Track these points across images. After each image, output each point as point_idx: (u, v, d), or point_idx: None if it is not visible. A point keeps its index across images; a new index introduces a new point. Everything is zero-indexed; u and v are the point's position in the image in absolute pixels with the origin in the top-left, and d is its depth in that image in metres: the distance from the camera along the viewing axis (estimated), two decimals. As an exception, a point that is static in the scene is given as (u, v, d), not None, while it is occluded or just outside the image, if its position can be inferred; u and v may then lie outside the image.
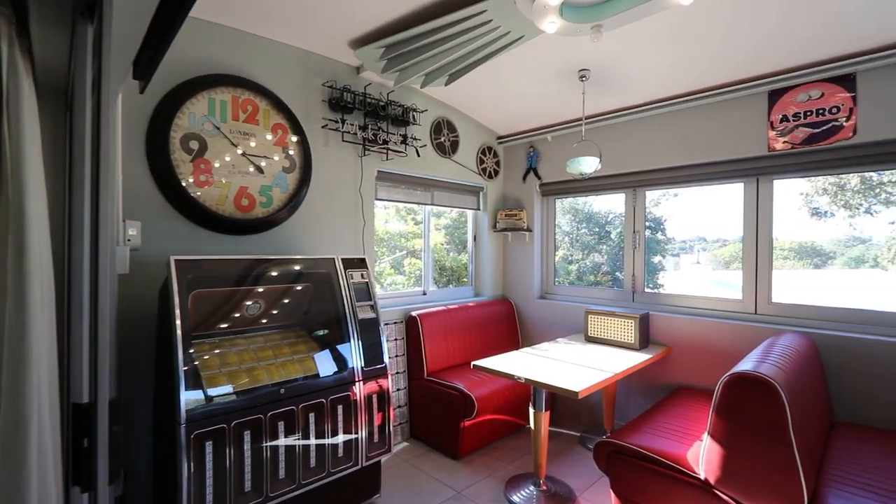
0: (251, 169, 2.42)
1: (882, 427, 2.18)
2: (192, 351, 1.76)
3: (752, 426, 1.63)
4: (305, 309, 2.29)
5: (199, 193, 2.22)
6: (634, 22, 2.18)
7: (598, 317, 3.06)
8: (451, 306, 3.48)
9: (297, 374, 1.98)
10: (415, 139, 3.21)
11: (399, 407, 3.17)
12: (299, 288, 2.27)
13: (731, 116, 2.75)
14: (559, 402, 3.49)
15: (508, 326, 3.83)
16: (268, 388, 1.87)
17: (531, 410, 2.39)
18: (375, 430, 2.25)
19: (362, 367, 2.21)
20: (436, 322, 3.26)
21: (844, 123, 2.35)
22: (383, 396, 2.30)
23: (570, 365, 2.52)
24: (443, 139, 3.56)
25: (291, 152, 2.59)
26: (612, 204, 5.54)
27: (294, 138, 2.60)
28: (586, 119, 3.27)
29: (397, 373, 3.17)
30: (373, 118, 2.98)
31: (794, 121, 2.51)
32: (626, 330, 2.90)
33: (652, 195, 3.35)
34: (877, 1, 1.92)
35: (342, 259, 2.39)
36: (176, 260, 1.80)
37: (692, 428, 2.17)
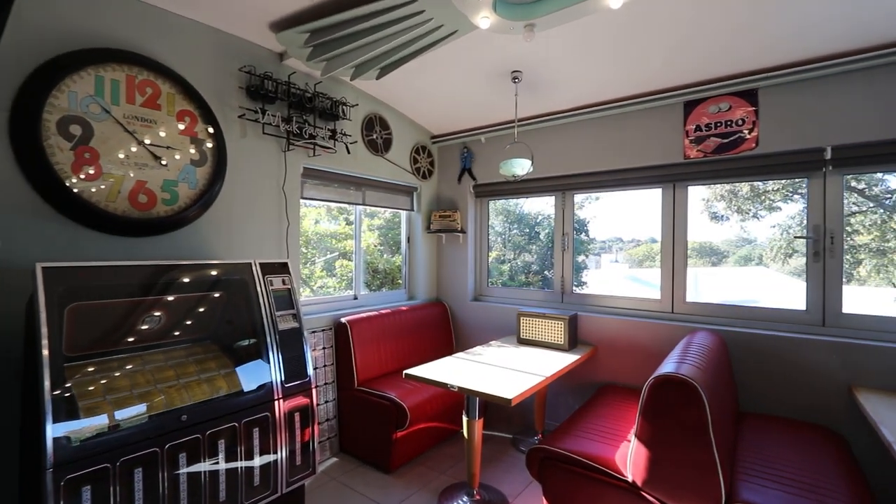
0: (151, 161, 2.11)
1: (781, 416, 2.37)
2: (67, 376, 1.47)
3: (676, 427, 1.67)
4: (217, 321, 2.03)
5: (82, 187, 1.88)
6: (564, 26, 2.20)
7: (529, 318, 3.07)
8: (383, 311, 3.33)
9: (203, 396, 1.74)
10: (345, 135, 3.01)
11: (328, 420, 2.96)
12: (210, 297, 2.01)
13: (651, 125, 2.87)
14: (492, 405, 3.48)
15: (443, 330, 3.75)
16: (166, 415, 1.61)
17: (464, 419, 2.32)
18: (298, 450, 2.05)
19: (282, 383, 2.00)
20: (367, 328, 3.09)
21: (748, 135, 2.53)
22: (307, 413, 2.11)
23: (503, 370, 2.49)
24: (375, 136, 3.39)
25: (202, 143, 2.30)
26: (541, 206, 5.67)
27: (205, 128, 2.31)
28: (519, 121, 3.28)
29: (326, 384, 2.97)
30: (298, 110, 2.74)
31: (706, 131, 2.67)
32: (556, 331, 2.94)
33: (577, 198, 3.44)
34: (776, 21, 2.07)
35: (261, 264, 2.16)
36: (44, 268, 1.49)
37: (620, 428, 2.21)
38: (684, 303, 2.84)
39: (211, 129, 2.33)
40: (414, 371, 2.44)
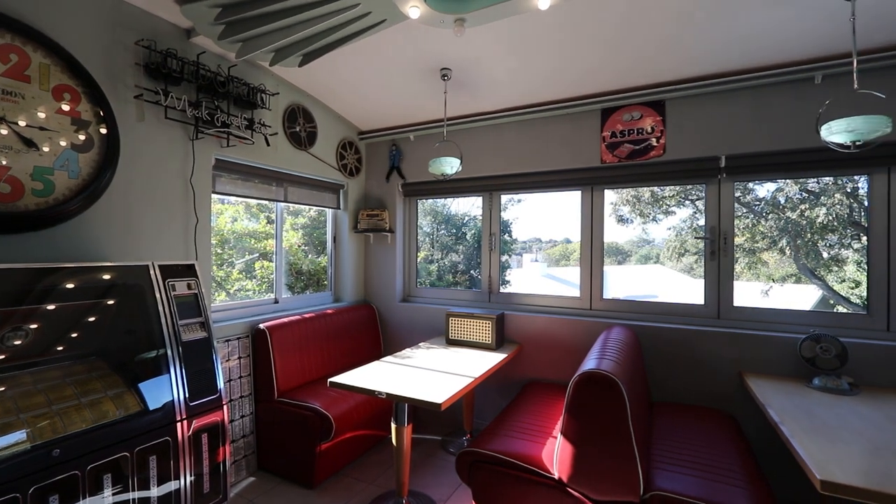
0: (17, 143, 1.73)
1: (686, 403, 2.57)
2: None
3: (599, 422, 1.72)
4: (105, 334, 1.72)
5: (-87, 172, 1.49)
6: (494, 28, 2.19)
7: (458, 319, 3.04)
8: (306, 315, 3.10)
9: (85, 424, 1.45)
10: (264, 125, 2.75)
11: (244, 437, 2.68)
12: (97, 306, 1.70)
13: (573, 130, 2.98)
14: (421, 408, 3.40)
15: (371, 333, 3.60)
16: (32, 451, 1.32)
17: (393, 426, 2.21)
18: (206, 474, 1.81)
19: (186, 401, 1.75)
20: (289, 334, 2.85)
21: (656, 143, 2.72)
22: (218, 432, 1.87)
23: (433, 372, 2.42)
24: (298, 129, 3.15)
25: (87, 126, 1.95)
26: (467, 206, 5.71)
27: (92, 108, 1.96)
28: (448, 120, 3.24)
29: (242, 396, 2.69)
30: (209, 94, 2.45)
31: (620, 137, 2.82)
32: (484, 330, 2.94)
33: (501, 199, 3.48)
34: (681, 41, 2.23)
35: (160, 266, 1.88)
36: None
37: (546, 425, 2.25)
38: (601, 300, 2.98)
39: (98, 109, 1.98)
40: (339, 379, 2.28)
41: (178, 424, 1.71)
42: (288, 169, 3.11)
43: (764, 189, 4.20)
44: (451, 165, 2.76)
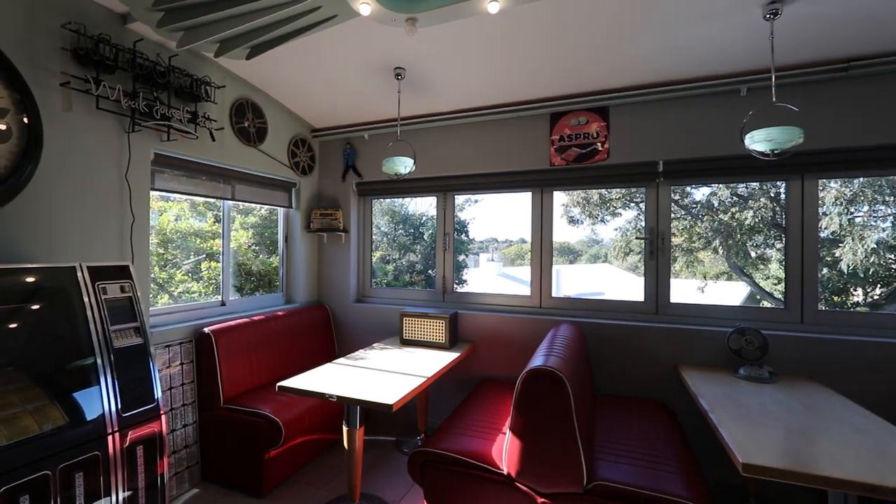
0: (-85, 132, 1.55)
1: (628, 395, 2.70)
2: None
3: (545, 417, 1.77)
4: (24, 342, 1.57)
5: None
6: (447, 29, 2.20)
7: (412, 319, 3.03)
8: (256, 317, 2.99)
9: (-2, 441, 1.32)
10: (209, 119, 2.62)
11: (186, 447, 2.54)
12: (16, 312, 1.55)
13: (524, 132, 3.05)
14: (374, 410, 3.36)
15: (324, 335, 3.52)
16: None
17: (344, 429, 2.17)
18: (142, 489, 1.70)
19: (119, 412, 1.64)
20: (236, 337, 2.73)
21: (601, 147, 2.83)
22: (155, 443, 1.76)
23: (386, 373, 2.40)
24: (247, 124, 3.02)
25: (4, 114, 1.77)
26: (425, 207, 5.71)
27: (9, 94, 1.78)
28: (402, 120, 3.22)
29: (184, 405, 2.54)
30: (147, 85, 2.30)
31: (568, 141, 2.91)
32: (438, 330, 2.95)
33: (458, 200, 3.51)
34: (621, 49, 2.33)
35: (90, 268, 1.74)
36: None
37: (497, 422, 2.29)
38: (550, 298, 3.07)
39: (17, 96, 1.80)
40: (288, 382, 2.21)
41: (110, 437, 1.60)
42: (236, 166, 2.98)
43: (700, 193, 4.50)
44: (404, 165, 2.75)
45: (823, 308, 2.53)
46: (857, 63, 2.22)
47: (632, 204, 5.24)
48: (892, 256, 3.67)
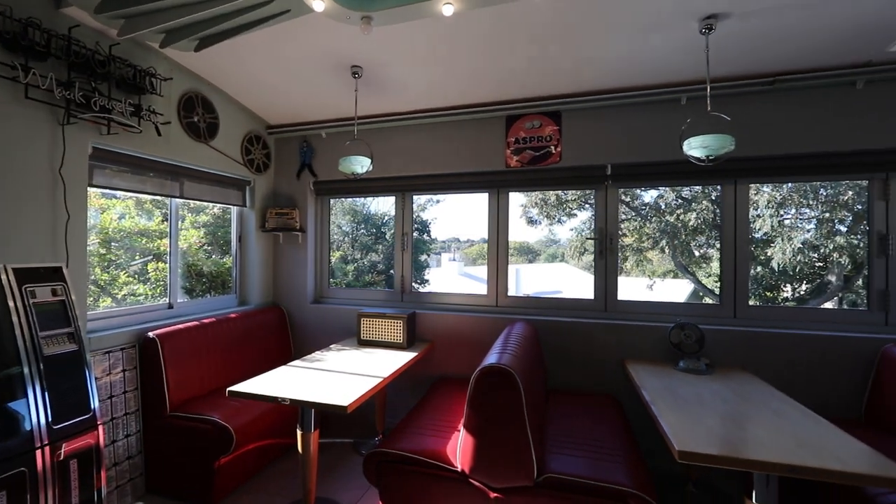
0: None
1: (579, 390, 2.79)
2: None
3: (497, 414, 1.80)
4: (-65, 349, 1.44)
5: None
6: (403, 28, 2.19)
7: (369, 319, 3.01)
8: (206, 320, 2.87)
9: None
10: (154, 113, 2.49)
11: (129, 458, 2.41)
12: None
13: (481, 134, 3.09)
14: (331, 412, 3.31)
15: (280, 337, 3.43)
16: None
17: (298, 432, 2.13)
18: (76, 504, 1.59)
19: (49, 425, 1.53)
20: (184, 342, 2.61)
21: (554, 150, 2.92)
22: (91, 457, 1.66)
23: (342, 374, 2.37)
24: (196, 119, 2.89)
25: None
26: (387, 206, 5.68)
27: (-84, 82, 1.63)
28: (360, 119, 3.19)
29: (126, 414, 2.41)
30: (84, 74, 2.16)
31: (523, 144, 2.98)
32: (396, 330, 2.94)
33: (419, 200, 3.51)
34: (569, 56, 2.41)
35: (15, 269, 1.62)
36: None
37: (453, 420, 2.31)
38: (506, 297, 3.13)
39: (-73, 86, 1.65)
40: (239, 387, 2.14)
41: (38, 452, 1.49)
42: (184, 162, 2.85)
43: (649, 195, 4.72)
44: (361, 165, 2.72)
45: (755, 303, 2.72)
46: (782, 78, 2.40)
47: (587, 205, 5.44)
48: (816, 255, 4.01)
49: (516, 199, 3.14)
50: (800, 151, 2.49)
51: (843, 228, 3.68)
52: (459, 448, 1.91)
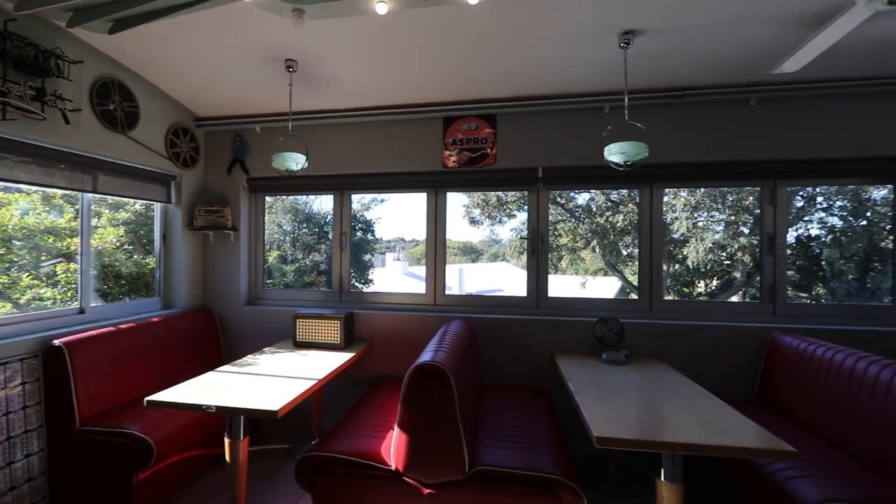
0: None
1: (513, 384, 2.88)
2: None
3: (430, 410, 1.82)
4: None
5: None
6: (338, 24, 2.15)
7: (306, 320, 2.92)
8: (123, 325, 2.65)
9: None
10: (61, 98, 2.26)
11: (29, 480, 2.17)
12: None
13: (419, 134, 3.10)
14: (265, 418, 3.18)
15: (210, 341, 3.23)
16: None
17: (226, 441, 2.03)
18: (-44, 535, 1.41)
19: (-80, 447, 1.35)
20: (97, 349, 2.40)
21: (489, 152, 2.99)
22: (-24, 479, 1.48)
23: (274, 378, 2.28)
24: (112, 107, 2.66)
25: None
26: (330, 205, 5.55)
27: None
28: (295, 114, 3.10)
29: (26, 431, 2.17)
30: (-32, 54, 1.91)
31: (460, 145, 3.03)
32: (333, 331, 2.88)
33: (364, 199, 3.47)
34: (502, 62, 2.49)
35: None
36: None
37: (389, 419, 2.30)
38: (444, 295, 3.17)
39: None
40: (159, 396, 2.00)
41: None
42: (99, 154, 2.61)
43: (582, 198, 4.97)
44: (296, 162, 2.64)
45: (671, 298, 2.95)
46: (689, 92, 2.63)
47: (526, 206, 5.62)
48: (724, 254, 4.44)
49: (458, 200, 3.21)
50: (705, 160, 2.74)
51: (746, 230, 4.10)
52: (393, 446, 1.91)
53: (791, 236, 3.94)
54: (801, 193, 3.96)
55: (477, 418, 2.31)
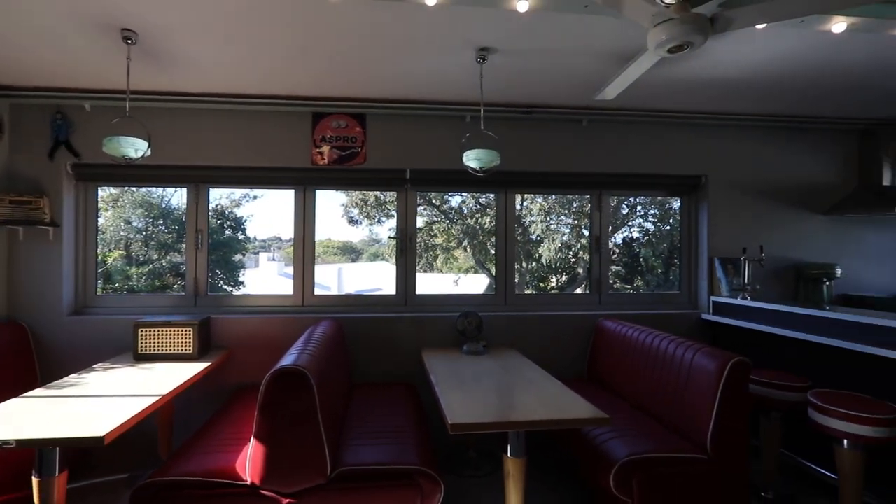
0: None
1: (383, 381, 2.90)
2: None
3: (289, 417, 1.73)
4: None
5: None
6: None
7: (150, 329, 2.54)
8: None
9: None
10: None
11: None
12: None
13: (287, 128, 2.93)
14: (91, 447, 2.69)
15: (18, 361, 2.61)
16: None
17: (34, 480, 1.66)
18: None
19: None
20: None
21: (359, 151, 2.96)
22: None
23: (105, 399, 1.94)
24: None
25: None
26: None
27: None
28: (135, 94, 2.68)
29: None
30: None
31: (330, 142, 2.94)
32: (184, 339, 2.56)
33: (234, 195, 3.14)
34: (370, 64, 2.47)
35: None
36: None
37: (249, 431, 2.12)
38: (313, 296, 3.05)
39: None
40: (-75, 436, 1.55)
41: None
42: None
43: (455, 200, 5.21)
44: (135, 148, 2.27)
45: (529, 292, 3.27)
46: (535, 109, 2.95)
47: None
48: (570, 252, 5.08)
49: (337, 199, 3.09)
50: (548, 170, 3.11)
51: (586, 232, 4.74)
52: (249, 459, 1.77)
53: (619, 238, 4.71)
54: (626, 202, 4.75)
55: (344, 419, 2.27)
